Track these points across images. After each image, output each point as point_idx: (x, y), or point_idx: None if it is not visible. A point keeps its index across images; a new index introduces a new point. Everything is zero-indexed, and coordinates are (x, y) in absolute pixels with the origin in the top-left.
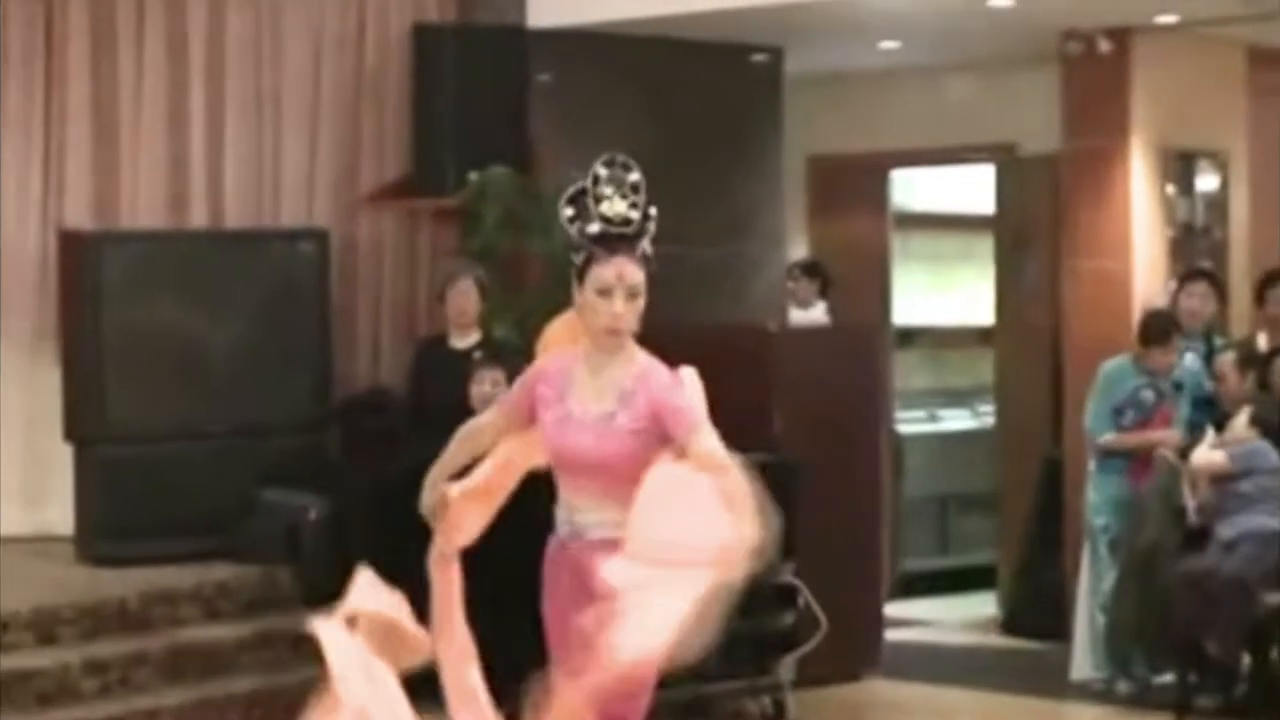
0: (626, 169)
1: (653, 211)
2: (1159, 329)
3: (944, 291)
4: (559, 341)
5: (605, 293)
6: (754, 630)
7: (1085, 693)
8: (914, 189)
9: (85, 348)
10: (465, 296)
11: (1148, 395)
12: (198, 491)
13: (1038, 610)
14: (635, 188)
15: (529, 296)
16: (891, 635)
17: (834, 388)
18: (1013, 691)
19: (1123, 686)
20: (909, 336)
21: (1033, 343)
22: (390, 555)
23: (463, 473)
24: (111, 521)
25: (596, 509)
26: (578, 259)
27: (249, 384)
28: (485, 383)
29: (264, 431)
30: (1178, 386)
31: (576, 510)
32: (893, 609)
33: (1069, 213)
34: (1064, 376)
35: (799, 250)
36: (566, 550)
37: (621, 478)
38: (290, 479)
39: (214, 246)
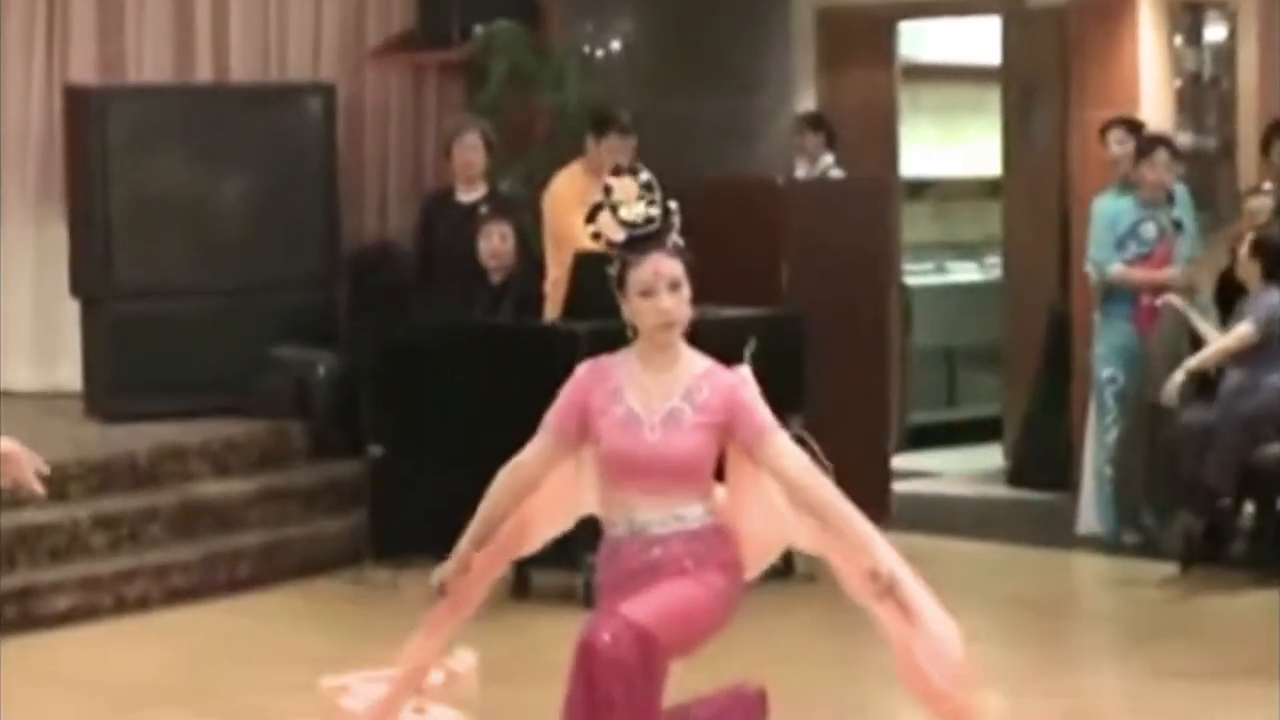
0: (634, 173)
1: (674, 205)
2: (1146, 142)
3: (952, 144)
4: (564, 196)
5: (648, 293)
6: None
7: (1092, 544)
8: (922, 41)
9: (91, 204)
10: (472, 150)
11: (1149, 229)
12: (206, 348)
13: (1044, 462)
14: (649, 186)
15: (535, 151)
16: (899, 487)
17: (842, 241)
18: (1019, 543)
19: (1129, 538)
20: (917, 189)
21: (1040, 195)
22: (399, 410)
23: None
24: (120, 378)
25: (658, 507)
26: (614, 271)
27: (256, 240)
28: (493, 236)
29: (272, 288)
30: (1178, 225)
31: (635, 509)
32: (900, 461)
33: (1077, 64)
34: (1071, 229)
35: (807, 104)
36: (625, 549)
37: (686, 475)
38: (298, 335)
39: (220, 101)
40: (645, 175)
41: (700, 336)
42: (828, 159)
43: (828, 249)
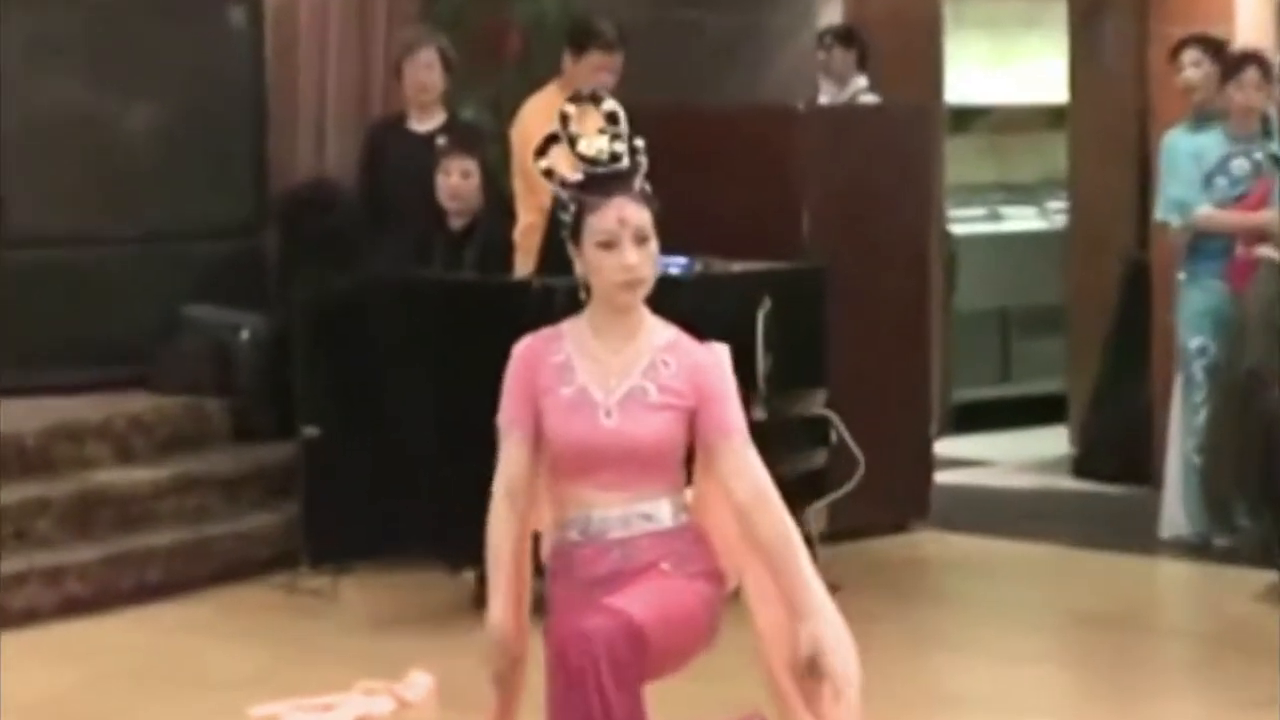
0: (597, 100)
1: (640, 143)
2: (1234, 60)
3: (1006, 64)
4: (537, 126)
5: (609, 244)
6: (777, 473)
7: (1176, 548)
8: None
9: None
10: (427, 70)
11: (1241, 165)
12: (108, 308)
13: (1117, 448)
14: (613, 118)
15: (505, 71)
16: (942, 478)
17: (873, 180)
18: (1088, 546)
19: (1221, 541)
20: (965, 118)
21: (1114, 126)
22: (339, 384)
23: None
24: (6, 344)
25: (619, 504)
26: (566, 216)
27: (169, 178)
28: (453, 173)
29: (187, 235)
30: (1276, 160)
31: (591, 508)
32: (944, 446)
33: None
34: (1151, 166)
35: (833, 15)
36: (581, 555)
37: (650, 466)
38: (219, 292)
39: (125, 11)
40: (610, 104)
41: (703, 295)
42: (859, 81)
43: (857, 190)
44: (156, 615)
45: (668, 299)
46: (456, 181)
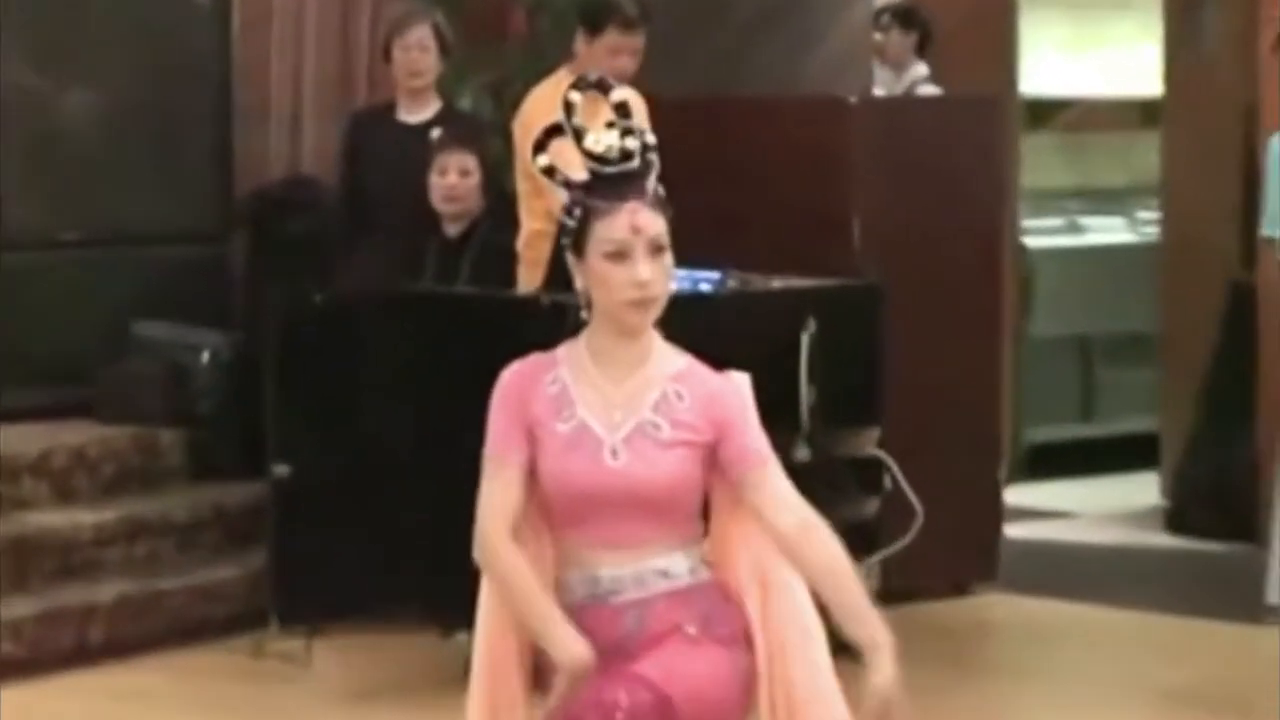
0: (605, 89)
1: (652, 139)
2: None
3: (1091, 51)
4: (544, 116)
5: (620, 255)
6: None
7: None
8: None
9: None
10: (419, 51)
11: None
12: (47, 322)
13: (1218, 499)
14: (623, 109)
15: (509, 53)
16: (1012, 531)
17: (936, 184)
18: (1182, 612)
19: None
20: (1042, 113)
21: (1216, 123)
22: (315, 414)
23: None
24: None
25: (630, 560)
26: (570, 221)
27: (118, 173)
28: (449, 171)
29: (140, 240)
30: None
31: (599, 564)
32: (1015, 495)
33: None
34: (1258, 172)
35: None
36: (588, 619)
37: (664, 514)
38: (176, 307)
39: None
40: (620, 93)
41: (737, 316)
42: (919, 69)
43: (917, 196)
44: (99, 680)
45: (697, 320)
46: (453, 181)
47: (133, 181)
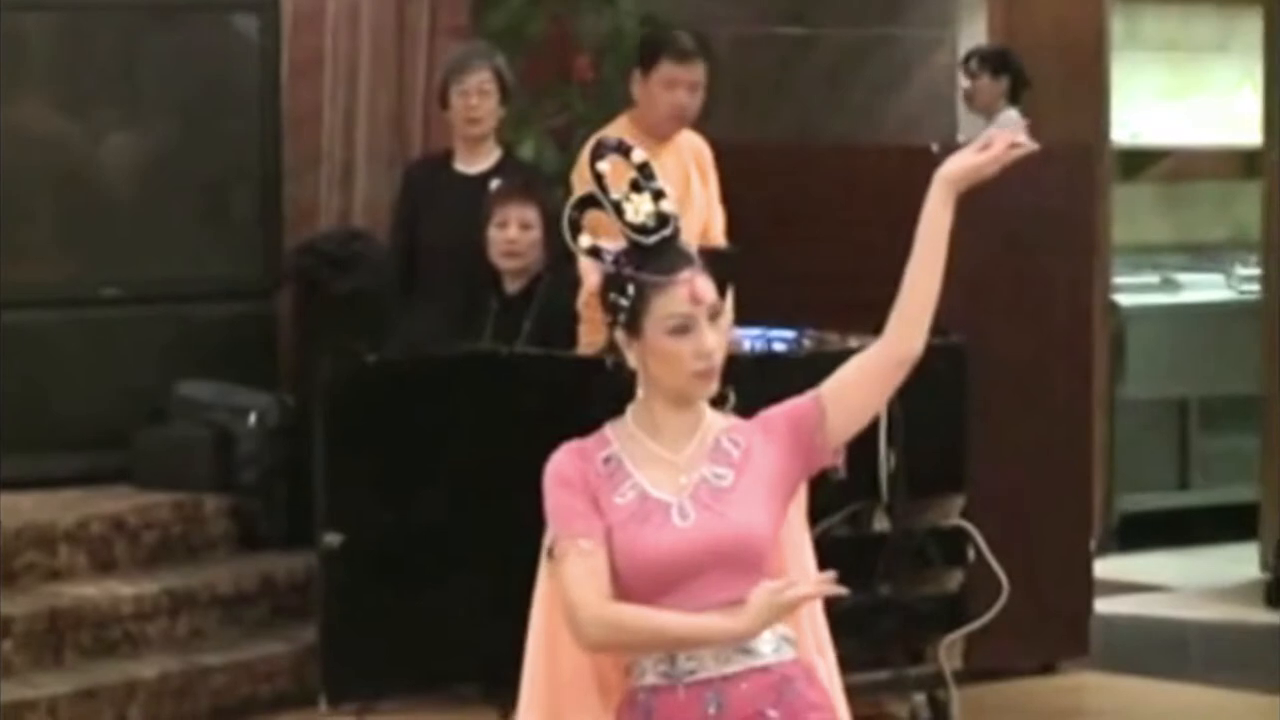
0: (625, 152)
1: (670, 190)
2: None
3: (1188, 97)
4: None
5: (682, 329)
6: (903, 598)
7: None
8: None
9: None
10: (478, 96)
11: None
12: (86, 383)
13: None
14: (645, 170)
15: (575, 99)
16: (1105, 606)
17: (1025, 238)
18: None
19: None
20: (1136, 162)
21: None
22: (368, 481)
23: None
24: None
25: None
26: (622, 300)
27: (161, 226)
28: (511, 224)
29: (183, 296)
30: None
31: None
32: (1107, 567)
33: None
34: None
35: (976, 36)
36: (665, 706)
37: (743, 568)
38: (221, 367)
39: (113, 18)
40: (640, 154)
41: (814, 378)
42: (1010, 116)
43: (1004, 250)
44: None
45: (770, 382)
46: (513, 235)
47: (175, 235)
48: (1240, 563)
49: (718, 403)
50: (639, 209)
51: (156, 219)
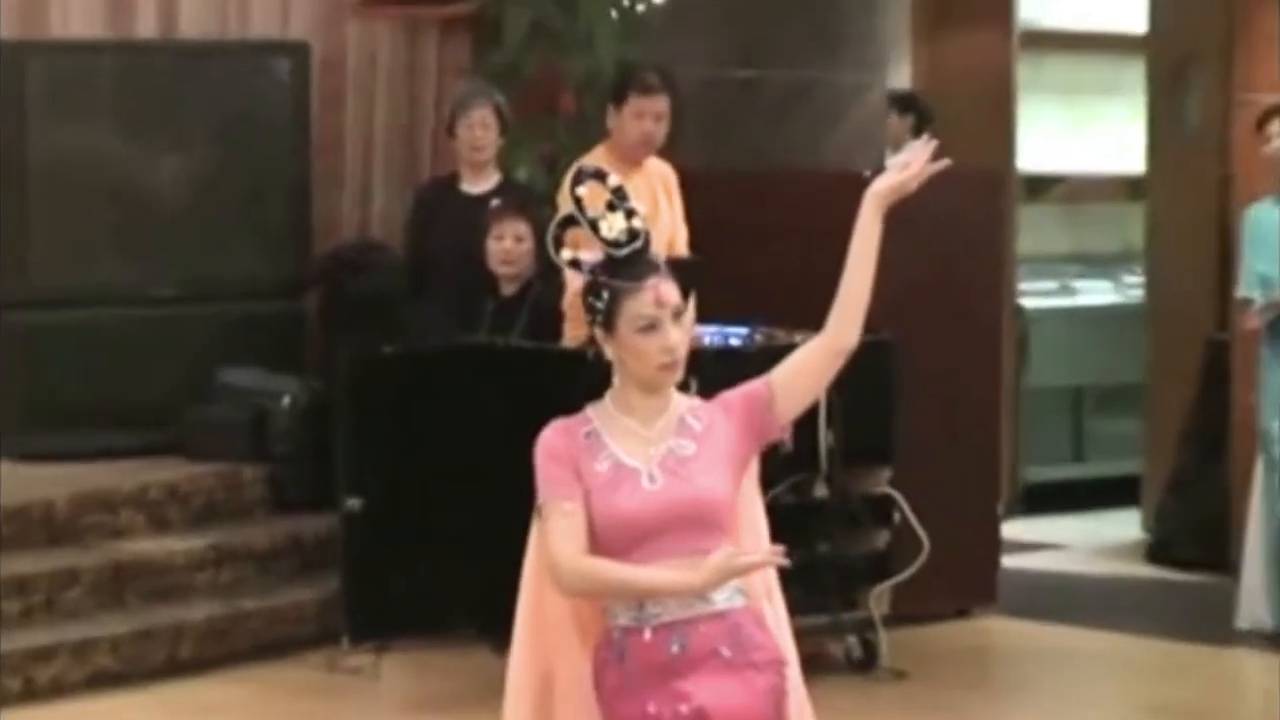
0: (601, 177)
1: (641, 209)
2: None
3: (1083, 131)
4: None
5: (650, 327)
6: (839, 554)
7: (1256, 640)
8: (1047, 2)
9: (2, 185)
10: (481, 128)
11: None
12: (141, 370)
13: (1194, 534)
14: (619, 192)
15: (560, 130)
16: (1009, 561)
17: (942, 250)
18: (1162, 636)
19: None
20: (1038, 187)
21: (1195, 197)
22: (384, 453)
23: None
24: (34, 407)
25: None
26: (598, 303)
27: (206, 235)
28: (505, 237)
29: (225, 295)
30: None
31: None
32: (1013, 529)
33: (1243, 33)
34: (1233, 239)
35: (902, 78)
36: (634, 645)
37: (703, 527)
38: (257, 356)
39: (163, 61)
40: (615, 179)
41: (764, 367)
42: (914, 146)
43: (925, 261)
44: (188, 693)
45: (727, 371)
46: (509, 246)
47: (219, 243)
48: (1125, 526)
49: (683, 387)
50: (613, 226)
51: (203, 229)
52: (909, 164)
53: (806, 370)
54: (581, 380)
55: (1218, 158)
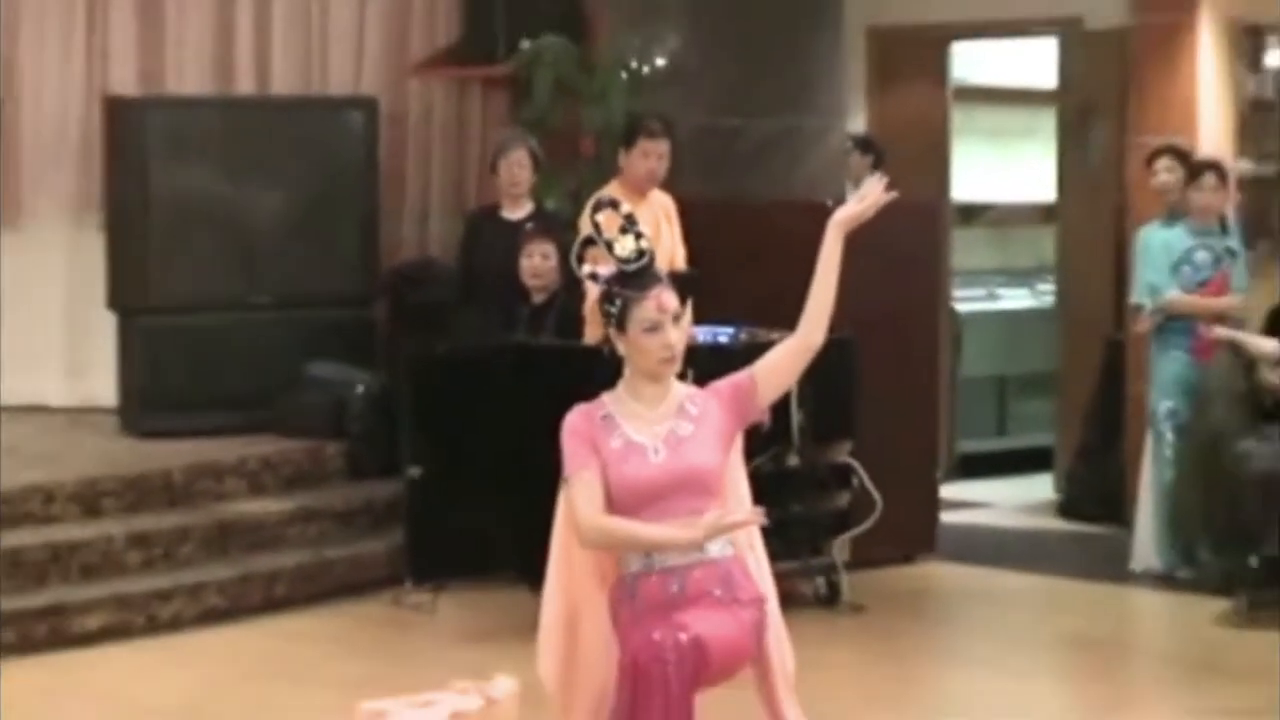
0: (615, 206)
1: (647, 230)
2: (1195, 167)
3: (1006, 167)
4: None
5: (653, 328)
6: (808, 511)
7: (1146, 579)
8: (976, 62)
9: (130, 215)
10: (519, 167)
11: (1202, 256)
12: (243, 364)
13: (1097, 495)
14: (630, 219)
15: (582, 168)
16: (947, 517)
17: (892, 265)
18: (1071, 576)
19: (1184, 574)
20: (969, 213)
21: (1096, 221)
22: (438, 431)
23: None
24: (155, 393)
25: None
26: (612, 308)
27: (295, 254)
28: (535, 255)
29: (310, 303)
30: (1232, 252)
31: None
32: (949, 490)
33: (1135, 88)
34: (1127, 255)
35: (857, 124)
36: (643, 585)
37: (698, 492)
38: (336, 352)
39: (260, 113)
40: (627, 207)
41: (746, 360)
42: (872, 180)
43: (878, 273)
44: (281, 625)
45: (717, 364)
46: (538, 262)
47: (304, 262)
48: (1040, 488)
49: (681, 377)
50: (625, 246)
51: (292, 250)
52: (865, 196)
53: (782, 364)
54: (599, 372)
55: (1114, 189)
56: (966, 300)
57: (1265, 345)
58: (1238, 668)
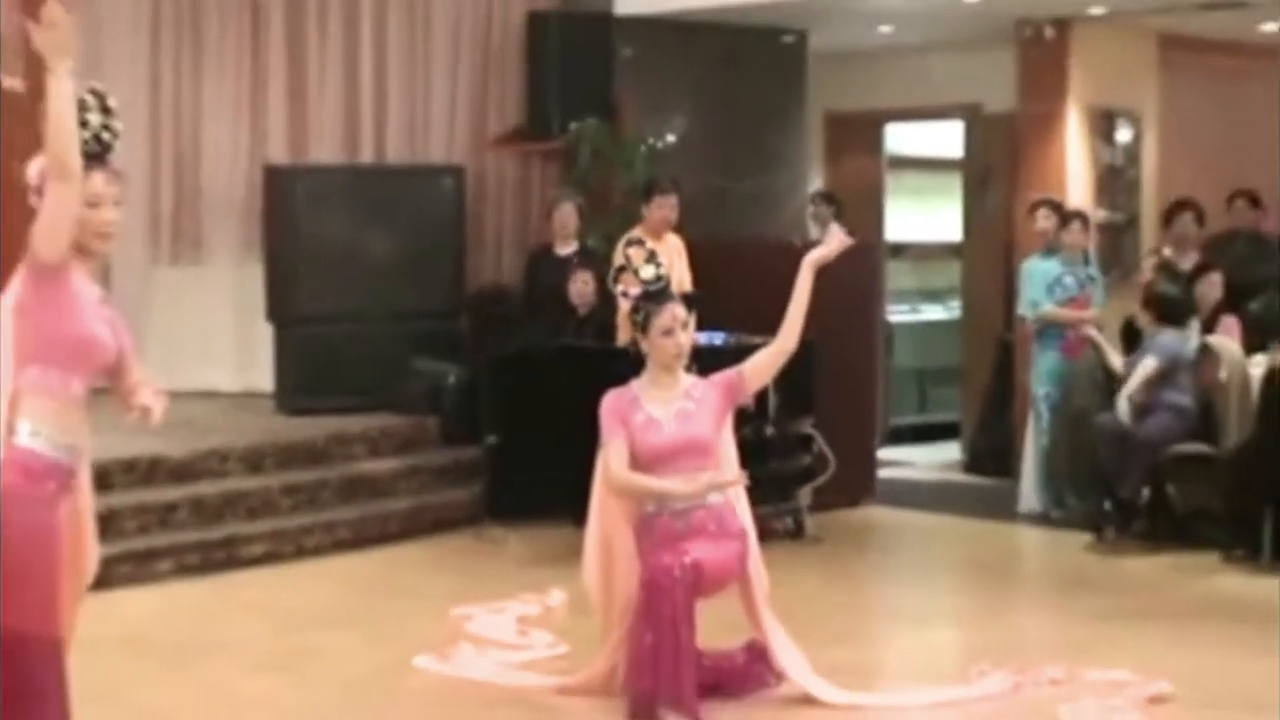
0: (640, 244)
1: (664, 260)
2: (1067, 215)
3: (925, 216)
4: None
5: (668, 333)
6: (780, 468)
7: (1029, 518)
8: (903, 138)
9: (282, 253)
10: (568, 216)
11: (1070, 281)
12: (365, 360)
13: (992, 455)
14: (652, 255)
15: (613, 216)
16: (882, 474)
17: (843, 289)
18: (974, 516)
19: (1057, 514)
20: (898, 250)
21: (991, 255)
22: (509, 409)
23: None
24: (301, 382)
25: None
26: (639, 318)
27: (404, 280)
28: (579, 281)
29: (414, 316)
30: (1092, 278)
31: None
32: (883, 453)
33: (1020, 157)
34: (1014, 280)
35: (817, 183)
36: (658, 523)
37: (700, 455)
38: (434, 352)
39: (378, 177)
40: (649, 245)
41: (735, 359)
42: (834, 226)
43: (833, 294)
44: (394, 553)
45: (712, 361)
46: (581, 286)
47: (410, 286)
48: (950, 451)
49: (688, 369)
50: (648, 272)
51: (399, 277)
52: (830, 242)
53: (764, 364)
54: (626, 366)
55: (1005, 231)
56: (896, 313)
57: (1114, 357)
58: (1098, 583)
